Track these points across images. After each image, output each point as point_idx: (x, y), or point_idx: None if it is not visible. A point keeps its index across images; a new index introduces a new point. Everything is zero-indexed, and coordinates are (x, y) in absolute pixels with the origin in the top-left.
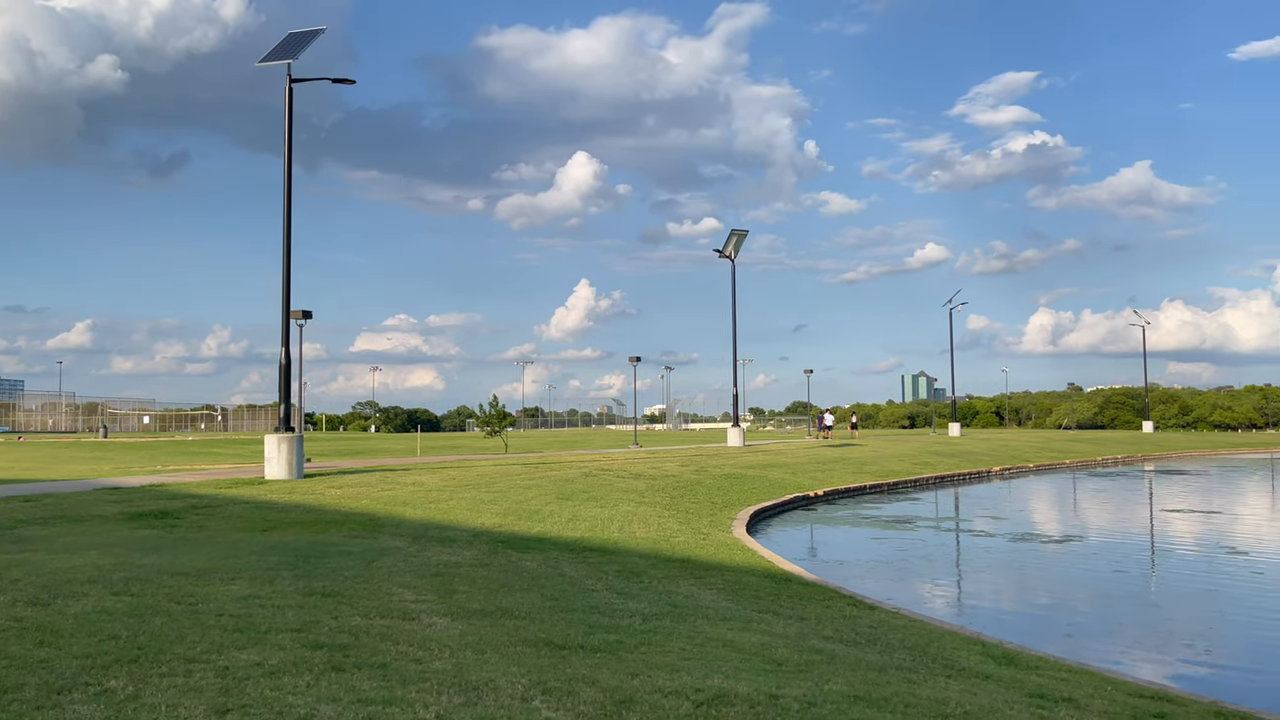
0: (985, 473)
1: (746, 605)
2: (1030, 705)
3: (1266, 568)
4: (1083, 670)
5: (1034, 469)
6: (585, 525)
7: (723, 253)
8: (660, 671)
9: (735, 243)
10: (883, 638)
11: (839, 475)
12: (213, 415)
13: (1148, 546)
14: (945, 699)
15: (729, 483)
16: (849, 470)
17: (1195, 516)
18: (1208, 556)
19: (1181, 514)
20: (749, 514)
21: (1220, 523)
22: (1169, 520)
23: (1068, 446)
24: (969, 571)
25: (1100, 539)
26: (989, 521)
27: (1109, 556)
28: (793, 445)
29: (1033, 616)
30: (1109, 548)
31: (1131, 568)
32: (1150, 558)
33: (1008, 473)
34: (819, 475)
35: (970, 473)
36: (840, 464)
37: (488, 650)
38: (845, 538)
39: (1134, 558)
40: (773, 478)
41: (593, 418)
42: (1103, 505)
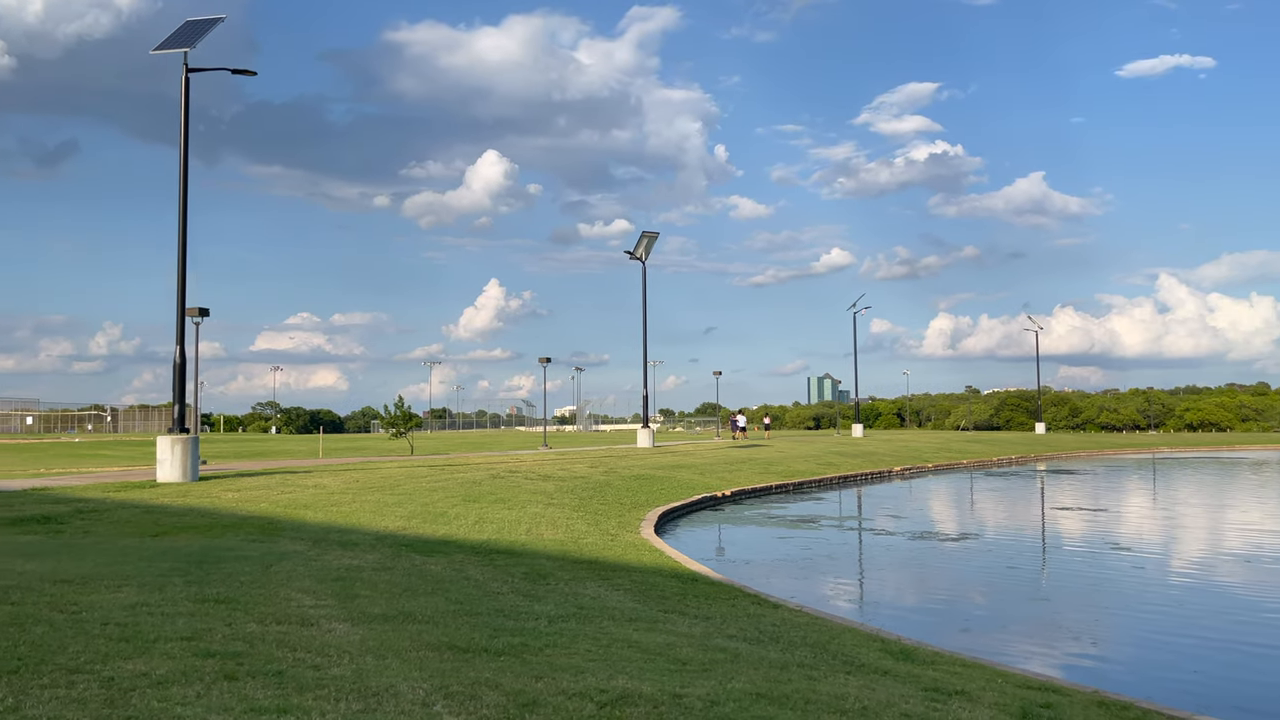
0: (886, 473)
1: (653, 606)
2: (925, 699)
3: (1147, 563)
4: (976, 664)
5: (933, 469)
6: (492, 528)
7: (634, 254)
8: (565, 673)
9: (646, 245)
10: (785, 635)
11: (746, 476)
12: (102, 416)
13: (1039, 544)
14: (844, 695)
15: (638, 484)
16: (756, 471)
17: (1083, 514)
18: (1094, 553)
19: (1070, 512)
20: (657, 515)
21: (1105, 520)
22: (1059, 518)
23: (965, 447)
24: (870, 569)
25: (995, 537)
26: (890, 520)
27: (1003, 554)
28: (702, 446)
29: (931, 612)
30: (1003, 545)
31: (1023, 564)
32: (1041, 554)
33: (908, 473)
34: (727, 476)
35: (872, 473)
36: (747, 465)
37: (389, 655)
38: (751, 537)
39: (1026, 555)
40: (681, 478)
41: (502, 419)
42: (997, 504)
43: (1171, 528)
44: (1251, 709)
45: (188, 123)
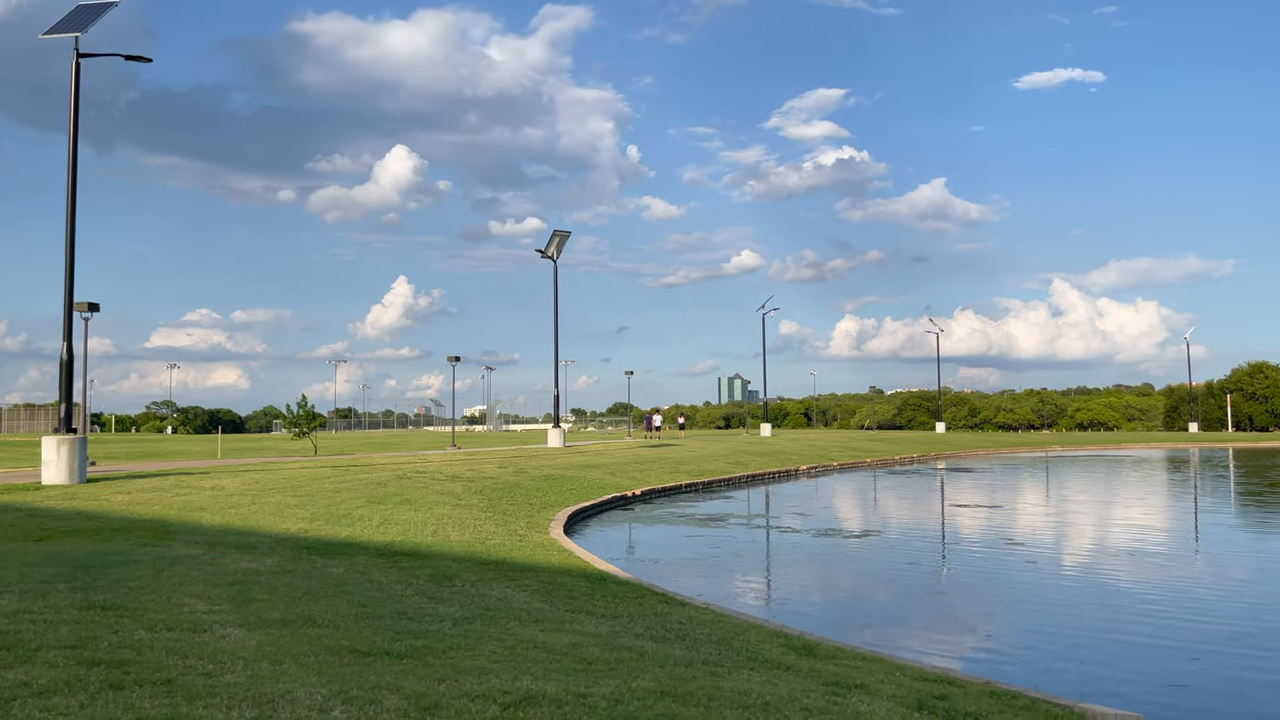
0: (794, 471)
1: (560, 606)
2: (826, 693)
3: (1039, 558)
4: (875, 658)
5: (838, 467)
6: (398, 529)
7: (545, 253)
8: (469, 675)
9: (558, 244)
10: (691, 633)
11: (656, 475)
12: None
13: (938, 540)
14: (747, 690)
15: (548, 484)
16: (666, 470)
17: (980, 511)
18: (990, 548)
19: (968, 509)
20: (567, 515)
21: (1001, 517)
22: (957, 515)
23: (869, 446)
24: (777, 566)
25: (896, 534)
26: (796, 518)
27: (904, 550)
28: (613, 446)
29: (835, 608)
30: (904, 541)
31: (924, 560)
32: (940, 550)
33: (814, 471)
34: (637, 475)
35: (780, 471)
36: (658, 464)
37: (286, 660)
38: (661, 536)
39: (926, 550)
40: (591, 478)
41: (410, 419)
42: (899, 502)
43: (1062, 524)
44: (1131, 697)
45: (77, 110)
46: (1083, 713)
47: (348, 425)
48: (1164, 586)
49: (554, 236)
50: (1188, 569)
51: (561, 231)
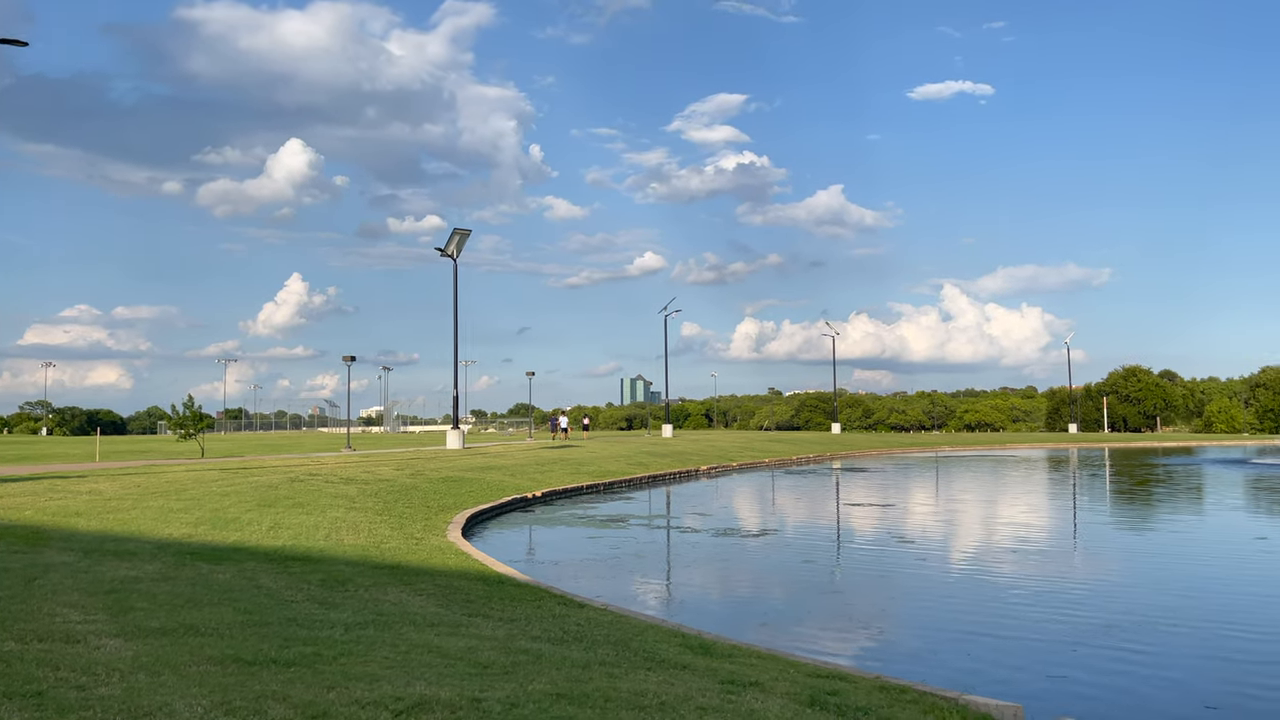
0: (694, 472)
1: (457, 610)
2: (721, 691)
3: (928, 555)
4: (770, 656)
5: (738, 468)
6: (288, 533)
7: (445, 252)
8: (359, 683)
9: (458, 242)
10: (589, 634)
11: (557, 476)
12: None
13: (833, 538)
14: (644, 691)
15: (446, 486)
16: (567, 471)
17: (873, 510)
18: (882, 546)
19: (862, 508)
20: (465, 517)
21: (893, 515)
22: (851, 514)
23: (767, 446)
24: (677, 566)
25: (793, 532)
26: (696, 518)
27: (800, 548)
28: (513, 447)
29: (733, 607)
30: (800, 540)
31: (819, 558)
32: (835, 549)
33: (715, 471)
34: (537, 477)
35: (681, 472)
36: (559, 465)
37: (166, 671)
38: (561, 538)
39: (821, 549)
40: (491, 480)
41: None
42: (796, 501)
43: (950, 522)
44: (1013, 687)
45: None
46: (967, 704)
47: (238, 427)
48: (1044, 581)
49: (454, 235)
50: (1066, 564)
51: (462, 230)
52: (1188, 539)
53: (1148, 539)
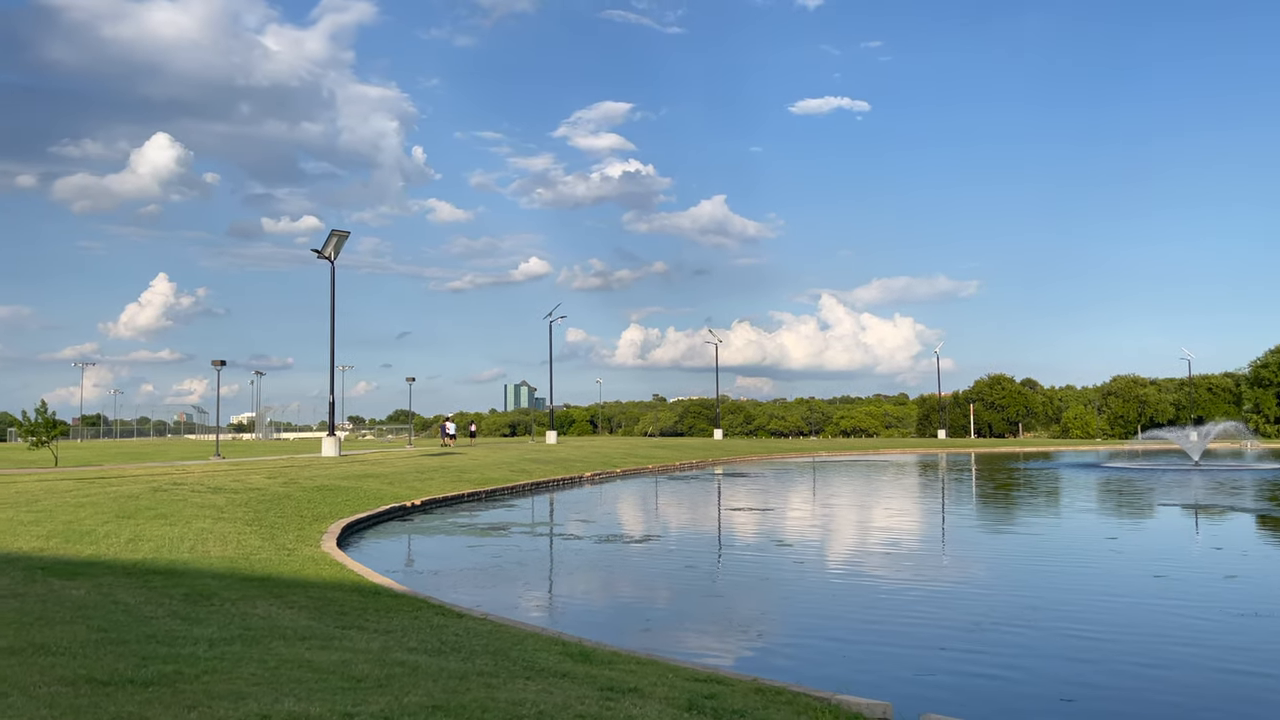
0: (578, 478)
1: (330, 622)
2: (601, 698)
3: (806, 558)
4: (650, 661)
5: (621, 474)
6: (150, 546)
7: (322, 253)
8: (224, 701)
9: (336, 244)
10: (468, 645)
11: (437, 484)
12: None
13: (715, 543)
14: (522, 700)
15: (321, 495)
16: (447, 479)
17: (753, 515)
18: (762, 550)
19: (743, 513)
20: (341, 527)
21: (772, 520)
22: (733, 519)
23: (651, 453)
24: (559, 574)
25: (676, 538)
26: (580, 525)
27: (683, 553)
28: (392, 455)
29: (615, 613)
30: (683, 545)
31: (701, 563)
32: (717, 553)
33: (598, 478)
34: (417, 485)
35: (564, 478)
36: (439, 473)
37: (14, 693)
38: (441, 547)
39: (703, 554)
40: (368, 488)
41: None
42: (679, 507)
43: (827, 525)
44: (884, 686)
45: None
46: (839, 704)
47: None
48: (915, 583)
49: (332, 236)
50: (935, 567)
51: (340, 231)
52: (1045, 540)
53: (1009, 541)
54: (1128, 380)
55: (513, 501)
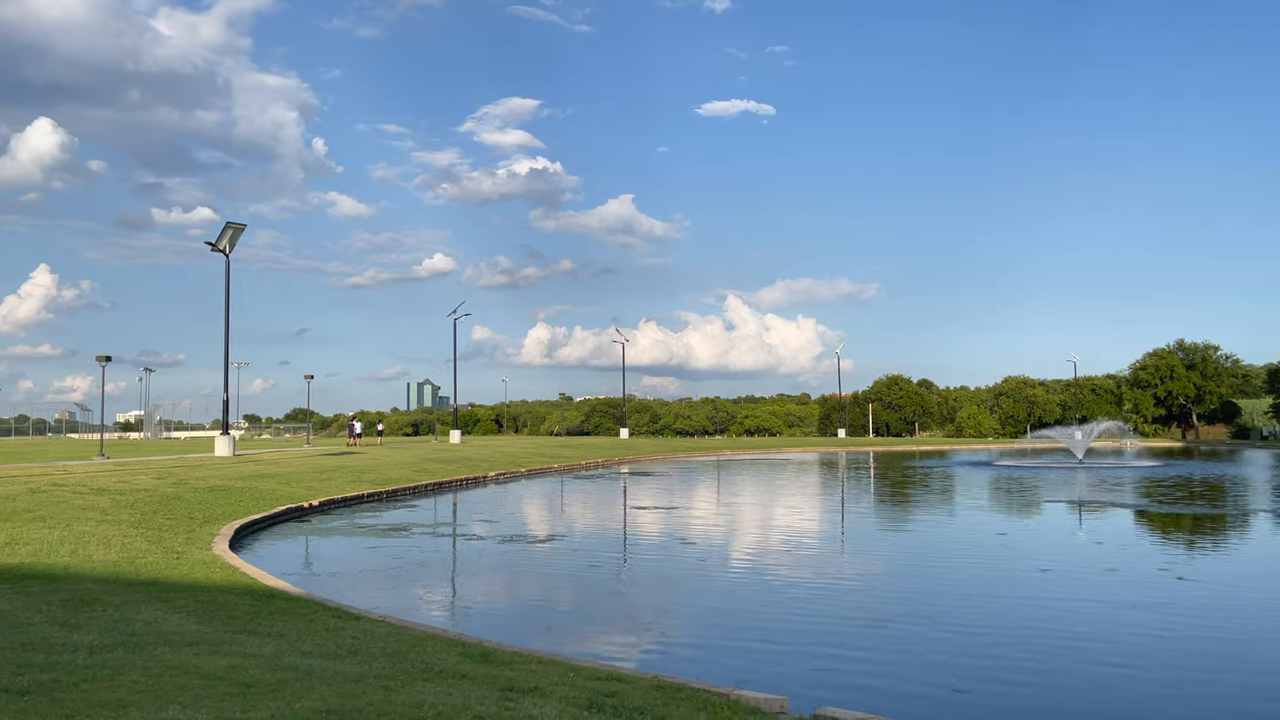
0: (482, 478)
1: (220, 627)
2: (500, 699)
3: (709, 556)
4: (551, 661)
5: (526, 474)
6: (27, 550)
7: (217, 246)
8: (104, 710)
9: (231, 237)
10: (365, 648)
11: (336, 484)
12: None
13: (619, 542)
14: (420, 703)
15: (213, 496)
16: (347, 479)
17: (658, 514)
18: (666, 549)
19: (647, 511)
20: (234, 529)
21: (677, 518)
22: (637, 517)
23: (557, 452)
24: (462, 575)
25: (580, 537)
26: (483, 525)
27: (587, 553)
28: (290, 454)
29: (518, 614)
30: (588, 544)
31: (605, 562)
32: (622, 552)
33: (502, 478)
34: (315, 485)
35: (468, 479)
36: (338, 473)
37: None
38: (339, 548)
39: (608, 553)
40: (264, 489)
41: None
42: (584, 506)
43: (730, 523)
44: (783, 681)
45: None
46: (738, 699)
47: None
48: (815, 579)
49: (227, 229)
50: (834, 562)
51: (235, 224)
52: (939, 537)
53: (905, 538)
54: (1018, 381)
55: (415, 502)
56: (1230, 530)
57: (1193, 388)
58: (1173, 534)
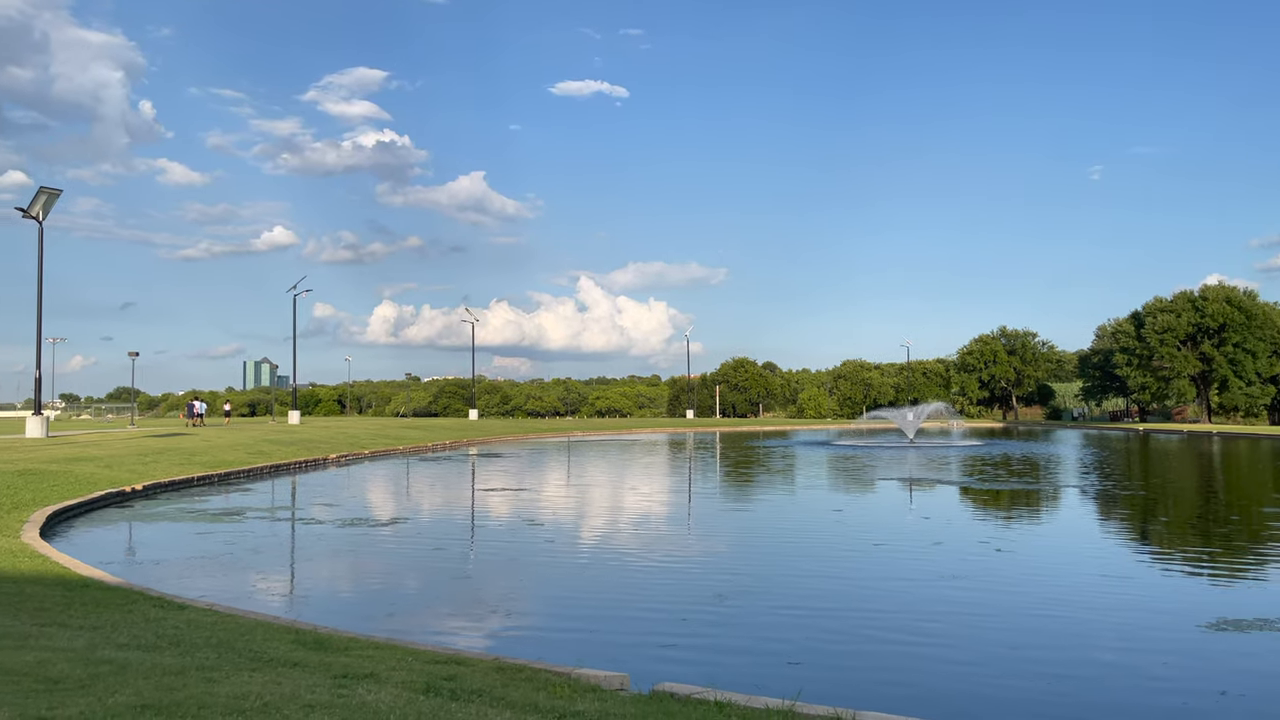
0: (323, 460)
1: (26, 620)
2: (333, 686)
3: (557, 537)
4: (389, 646)
5: (370, 455)
6: None
7: (29, 213)
8: None
9: (45, 202)
10: (188, 638)
11: (164, 467)
12: None
13: (466, 524)
14: (246, 694)
15: (23, 480)
16: (176, 461)
17: (506, 495)
18: (514, 530)
19: (496, 493)
20: (45, 515)
21: (525, 499)
22: (485, 499)
23: (403, 433)
24: (300, 560)
25: (426, 520)
26: (323, 509)
27: (432, 535)
28: (112, 435)
29: (359, 599)
30: (433, 527)
31: (451, 545)
32: (469, 534)
33: (344, 460)
34: (139, 468)
35: (308, 461)
36: (166, 455)
37: None
38: (165, 535)
39: (454, 535)
40: (81, 473)
41: None
42: (430, 488)
43: (579, 504)
44: (624, 659)
45: None
46: (578, 678)
47: None
48: (661, 557)
49: (40, 193)
50: (680, 541)
51: (50, 189)
52: (780, 514)
53: (748, 515)
54: (855, 365)
55: (249, 485)
56: (1043, 504)
57: (1013, 372)
58: (993, 509)
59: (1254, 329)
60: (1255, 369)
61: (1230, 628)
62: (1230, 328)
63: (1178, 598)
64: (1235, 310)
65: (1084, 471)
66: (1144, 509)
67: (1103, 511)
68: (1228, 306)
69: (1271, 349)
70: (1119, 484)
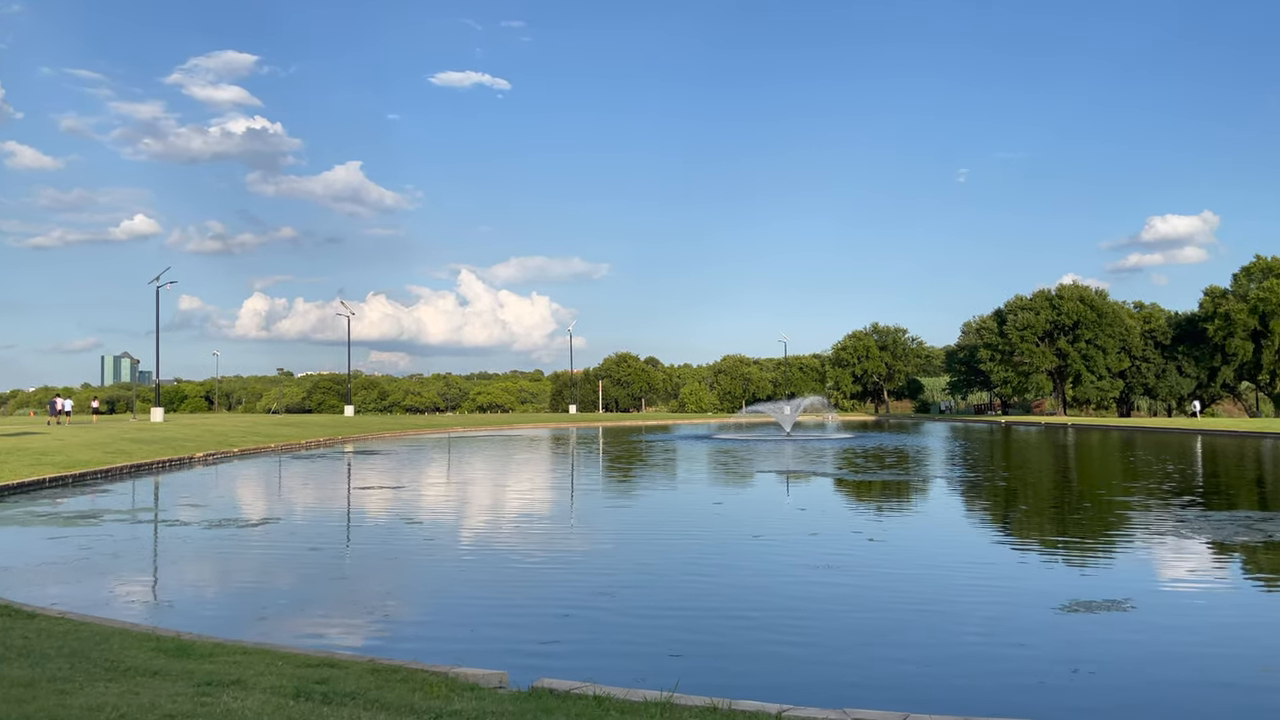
0: (188, 459)
1: None
2: (196, 694)
3: (437, 535)
4: (258, 650)
5: (240, 454)
6: None
7: None
8: None
9: None
10: (38, 648)
11: (11, 468)
12: None
13: (342, 523)
14: (101, 705)
15: None
16: (24, 462)
17: (384, 493)
18: (391, 529)
19: (372, 491)
20: None
21: (403, 497)
22: (362, 498)
23: (274, 431)
24: (163, 564)
25: (299, 520)
26: (188, 510)
27: (306, 535)
28: None
29: (228, 603)
30: (306, 527)
31: (326, 545)
32: (344, 534)
33: (212, 459)
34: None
35: (172, 460)
36: (14, 455)
37: None
38: (12, 540)
39: (329, 535)
40: None
41: None
42: (303, 487)
43: (459, 501)
44: (504, 657)
45: None
46: (456, 676)
47: None
48: (543, 553)
49: None
50: (562, 536)
51: None
52: (662, 507)
53: (630, 510)
54: (735, 360)
55: (107, 487)
56: (913, 495)
57: (884, 367)
58: (866, 499)
59: (1104, 326)
60: (1106, 364)
61: (1082, 609)
62: (1083, 325)
63: (1035, 583)
64: (1088, 309)
65: (951, 463)
66: (1005, 498)
67: (968, 501)
68: (1081, 305)
69: (1120, 345)
70: (983, 475)
